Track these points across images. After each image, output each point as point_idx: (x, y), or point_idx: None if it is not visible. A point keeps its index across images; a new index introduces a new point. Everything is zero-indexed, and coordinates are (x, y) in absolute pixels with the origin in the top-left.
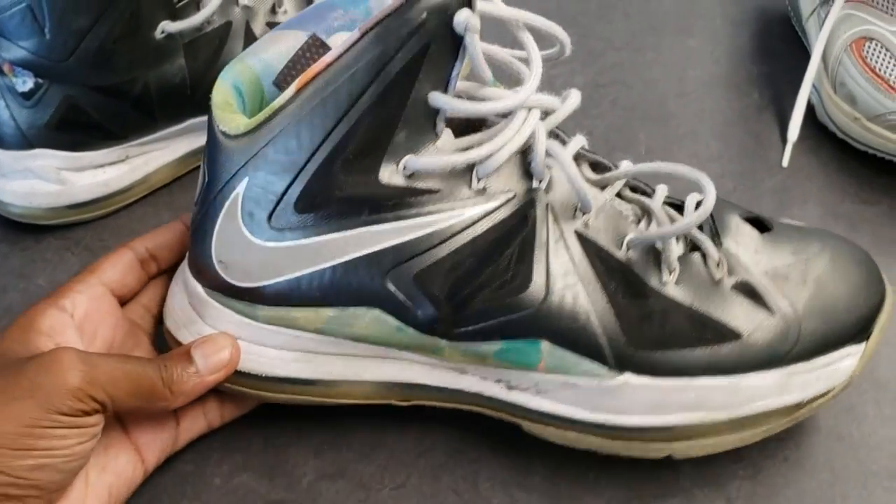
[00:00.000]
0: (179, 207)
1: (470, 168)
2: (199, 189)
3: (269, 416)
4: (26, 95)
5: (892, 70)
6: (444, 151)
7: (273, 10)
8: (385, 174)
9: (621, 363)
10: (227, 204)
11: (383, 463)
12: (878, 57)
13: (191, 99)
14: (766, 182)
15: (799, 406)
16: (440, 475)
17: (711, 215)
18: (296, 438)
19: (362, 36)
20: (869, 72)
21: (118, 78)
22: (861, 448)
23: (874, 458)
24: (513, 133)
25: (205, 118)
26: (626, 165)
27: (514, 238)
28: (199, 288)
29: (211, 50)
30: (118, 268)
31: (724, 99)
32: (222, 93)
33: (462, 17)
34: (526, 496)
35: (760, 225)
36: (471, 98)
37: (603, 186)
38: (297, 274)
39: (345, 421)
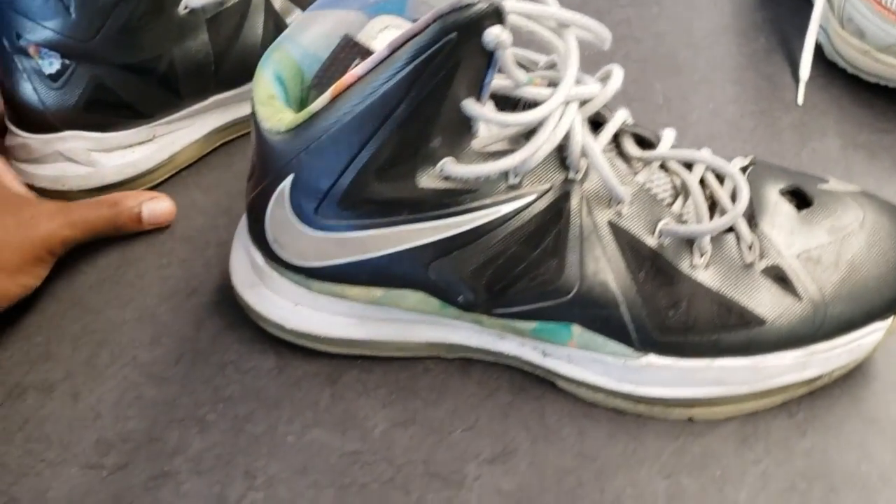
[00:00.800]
0: (208, 186)
1: None
2: (250, 169)
3: (332, 374)
4: (53, 77)
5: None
6: (480, 155)
7: None
8: (422, 179)
9: (646, 346)
10: (275, 194)
11: (451, 408)
12: None
13: (215, 75)
14: (783, 119)
15: (818, 378)
16: (508, 413)
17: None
18: (362, 392)
19: (391, 53)
20: (875, 4)
21: (144, 55)
22: None
23: None
24: (548, 134)
25: (228, 94)
26: (668, 139)
27: (548, 231)
28: (258, 258)
29: (232, 25)
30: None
31: (734, 45)
32: (263, 86)
33: (491, 36)
34: (594, 425)
35: (800, 196)
36: (507, 97)
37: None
38: (346, 260)
39: (408, 372)
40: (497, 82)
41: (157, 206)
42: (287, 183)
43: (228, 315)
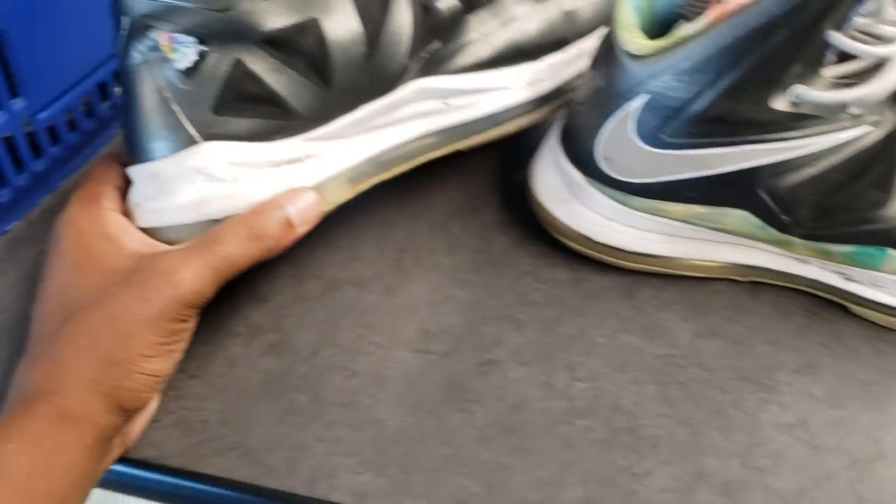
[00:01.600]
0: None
1: None
2: (586, 92)
3: (628, 289)
4: (189, 72)
5: None
6: (828, 83)
7: None
8: (774, 102)
9: None
10: (620, 112)
11: (749, 325)
12: None
13: (367, 61)
14: None
15: None
16: (805, 334)
17: None
18: (660, 307)
19: None
20: None
21: (290, 19)
22: None
23: None
24: None
25: (380, 103)
26: None
27: (879, 159)
28: (577, 175)
29: (379, 2)
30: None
31: None
32: (625, 13)
33: None
34: (891, 348)
35: None
36: (864, 34)
37: None
38: (678, 177)
39: (701, 292)
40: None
41: (302, 202)
42: (636, 103)
43: (515, 232)
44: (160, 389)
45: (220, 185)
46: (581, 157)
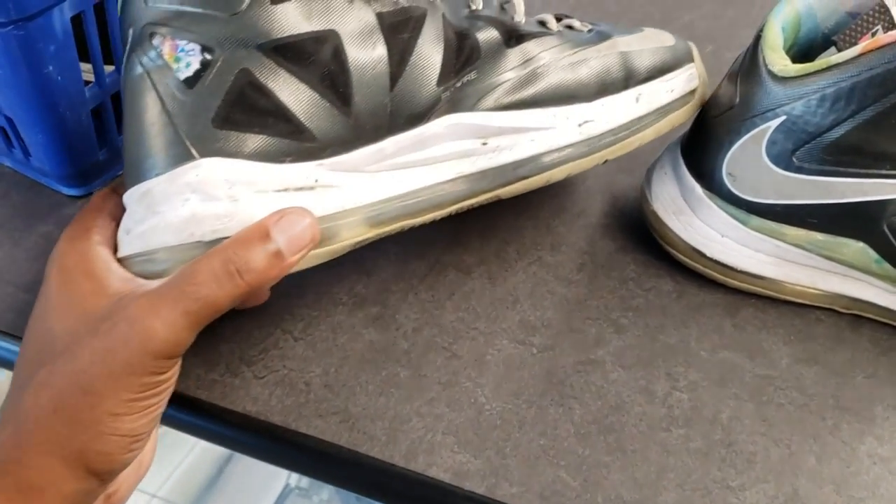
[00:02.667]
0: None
1: None
2: (718, 107)
3: (730, 307)
4: (190, 81)
5: None
6: None
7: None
8: None
9: None
10: (754, 130)
11: (848, 356)
12: None
13: (390, 88)
14: None
15: None
16: None
17: None
18: (762, 328)
19: None
20: None
21: (305, 27)
22: None
23: None
24: None
25: (406, 135)
26: None
27: None
28: (697, 188)
29: (408, 26)
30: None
31: None
32: (774, 33)
33: None
34: None
35: None
36: None
37: None
38: (802, 202)
39: (801, 319)
40: None
41: (293, 227)
42: (773, 123)
43: (620, 238)
44: (141, 449)
45: (214, 205)
46: (704, 170)
